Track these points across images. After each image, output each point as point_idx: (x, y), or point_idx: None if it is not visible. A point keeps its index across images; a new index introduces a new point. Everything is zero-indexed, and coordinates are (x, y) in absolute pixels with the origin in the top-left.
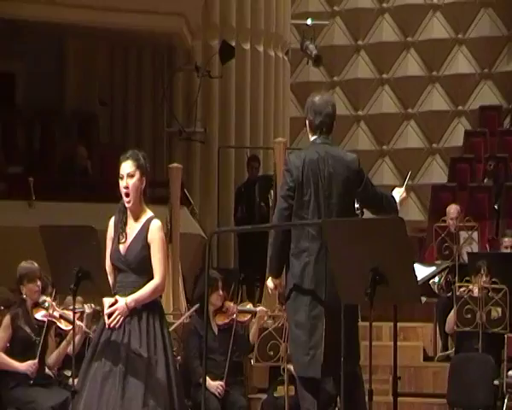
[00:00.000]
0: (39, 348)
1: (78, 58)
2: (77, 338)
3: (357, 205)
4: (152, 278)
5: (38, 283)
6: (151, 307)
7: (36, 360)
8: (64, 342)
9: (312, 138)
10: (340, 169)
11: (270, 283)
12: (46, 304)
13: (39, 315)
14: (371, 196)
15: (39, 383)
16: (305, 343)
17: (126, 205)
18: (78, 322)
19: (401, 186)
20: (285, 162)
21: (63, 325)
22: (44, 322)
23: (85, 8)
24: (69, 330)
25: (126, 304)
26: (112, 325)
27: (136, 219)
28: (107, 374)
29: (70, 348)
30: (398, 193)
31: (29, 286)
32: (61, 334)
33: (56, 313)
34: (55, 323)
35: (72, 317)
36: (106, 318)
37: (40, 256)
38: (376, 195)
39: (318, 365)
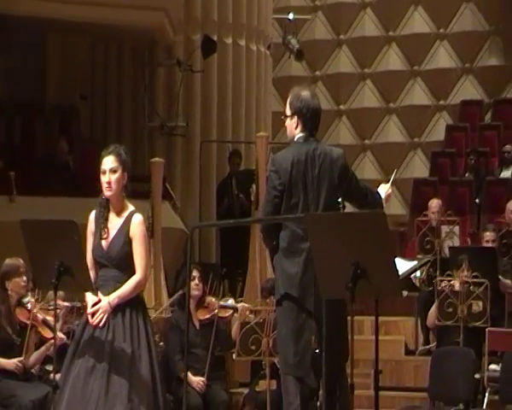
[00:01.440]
0: (24, 349)
1: (59, 52)
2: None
3: (339, 199)
4: (134, 273)
5: (24, 278)
6: (134, 304)
7: (22, 358)
8: (43, 348)
9: (299, 135)
10: (328, 167)
11: None
12: (29, 305)
13: (22, 317)
14: (356, 191)
15: (20, 378)
16: (294, 346)
17: (107, 194)
18: (59, 334)
19: (385, 182)
20: (272, 163)
21: (45, 333)
22: (26, 324)
23: (67, 3)
24: (50, 339)
25: (109, 302)
26: (95, 324)
27: (118, 213)
28: (90, 370)
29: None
30: (384, 189)
31: (15, 281)
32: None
33: (39, 317)
34: (37, 328)
35: (53, 323)
36: (89, 317)
37: (21, 251)
38: (361, 190)
39: (307, 365)
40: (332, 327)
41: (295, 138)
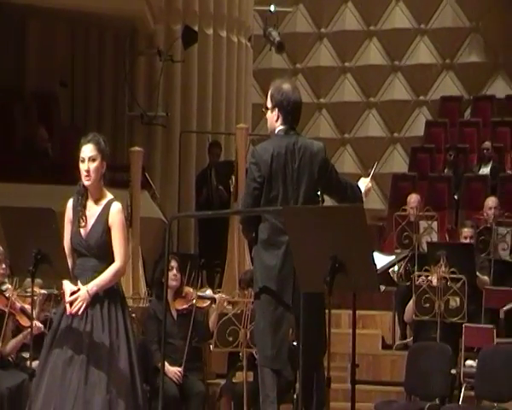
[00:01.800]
0: (1, 337)
1: (39, 39)
2: (34, 330)
3: (318, 193)
4: (112, 261)
5: (3, 265)
6: (112, 295)
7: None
8: (20, 335)
9: (279, 128)
10: (308, 161)
11: None
12: (7, 293)
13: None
14: (336, 185)
15: None
16: (272, 338)
17: (85, 182)
18: (36, 322)
19: (364, 176)
20: (252, 155)
21: (22, 321)
22: (4, 311)
23: None
24: (27, 327)
25: (88, 291)
26: (74, 313)
27: (96, 201)
28: (68, 361)
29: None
30: (364, 183)
31: None
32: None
33: (17, 305)
34: (15, 316)
35: (30, 311)
36: (67, 306)
37: None
38: (341, 183)
39: (284, 358)
40: (310, 320)
41: (276, 131)
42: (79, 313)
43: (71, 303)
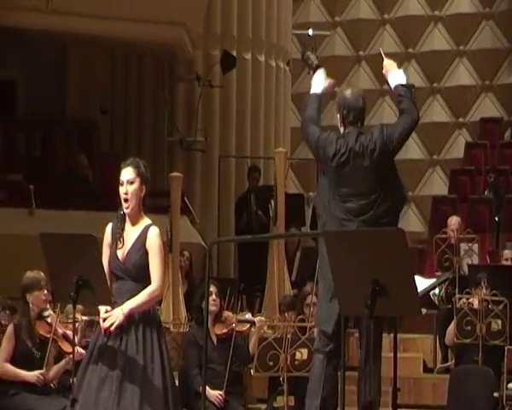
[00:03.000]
0: (45, 362)
1: (79, 66)
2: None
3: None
4: (149, 285)
5: (45, 291)
6: (148, 320)
7: (43, 371)
8: (63, 362)
9: (344, 131)
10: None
11: None
12: (49, 319)
13: (42, 330)
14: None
15: (38, 392)
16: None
17: (125, 211)
18: (78, 349)
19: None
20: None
21: (65, 347)
22: (47, 338)
23: (87, 17)
24: (69, 353)
25: (122, 309)
26: (106, 328)
27: (134, 225)
28: (102, 380)
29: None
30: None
31: (36, 294)
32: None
33: (60, 331)
34: (57, 342)
35: (72, 337)
36: (101, 322)
37: (40, 264)
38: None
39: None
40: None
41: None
42: (112, 328)
43: (104, 320)
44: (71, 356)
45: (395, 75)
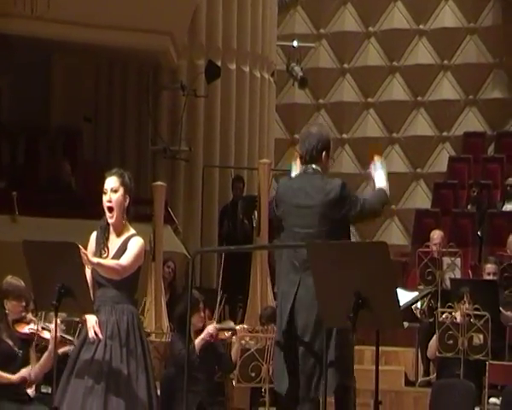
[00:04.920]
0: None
1: (64, 74)
2: (59, 351)
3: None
4: (132, 293)
5: (23, 303)
6: (132, 327)
7: (30, 368)
8: (46, 353)
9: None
10: (319, 198)
11: None
12: (27, 318)
13: (22, 328)
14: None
15: (18, 399)
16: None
17: (109, 220)
18: (61, 334)
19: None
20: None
21: (45, 334)
22: (27, 334)
23: (72, 25)
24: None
25: (90, 260)
26: (93, 336)
27: (118, 235)
28: (89, 390)
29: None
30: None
31: (13, 303)
32: (42, 350)
33: (40, 324)
34: (37, 334)
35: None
36: (91, 332)
37: (23, 272)
38: (356, 207)
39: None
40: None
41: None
42: (98, 333)
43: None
44: (52, 346)
45: (381, 177)
